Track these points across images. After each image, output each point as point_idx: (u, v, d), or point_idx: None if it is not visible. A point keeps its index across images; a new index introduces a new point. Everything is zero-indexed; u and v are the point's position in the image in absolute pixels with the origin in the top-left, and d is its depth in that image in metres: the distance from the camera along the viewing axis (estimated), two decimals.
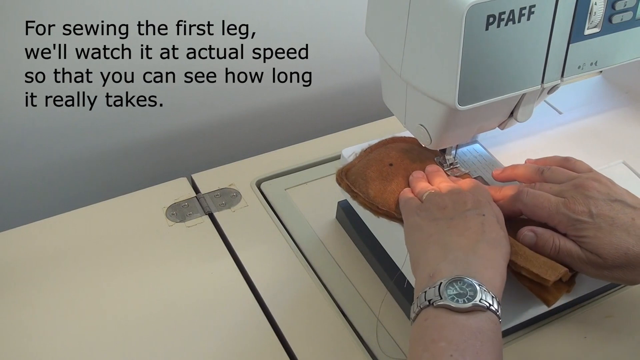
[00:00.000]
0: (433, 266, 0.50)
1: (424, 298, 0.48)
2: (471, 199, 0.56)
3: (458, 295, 0.46)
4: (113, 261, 0.71)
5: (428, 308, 0.47)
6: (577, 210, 0.54)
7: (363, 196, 0.63)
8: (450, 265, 0.49)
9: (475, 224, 0.53)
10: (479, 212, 0.54)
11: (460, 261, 0.49)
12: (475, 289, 0.46)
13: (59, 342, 0.63)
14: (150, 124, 0.94)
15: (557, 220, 0.55)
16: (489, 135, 0.68)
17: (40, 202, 0.94)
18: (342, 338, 0.62)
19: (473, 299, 0.46)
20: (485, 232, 0.52)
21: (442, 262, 0.50)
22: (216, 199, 0.78)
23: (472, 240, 0.51)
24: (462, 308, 0.45)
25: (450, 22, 0.48)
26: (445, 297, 0.46)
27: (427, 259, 0.51)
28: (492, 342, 0.45)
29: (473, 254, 0.50)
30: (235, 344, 0.62)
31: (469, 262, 0.49)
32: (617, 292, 0.65)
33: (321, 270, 0.70)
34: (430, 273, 0.49)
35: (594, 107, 0.75)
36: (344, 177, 0.65)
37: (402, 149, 0.67)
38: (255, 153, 0.86)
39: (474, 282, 0.47)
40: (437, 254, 0.51)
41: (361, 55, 1.01)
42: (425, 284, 0.49)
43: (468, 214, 0.54)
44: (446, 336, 0.45)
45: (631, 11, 0.55)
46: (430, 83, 0.53)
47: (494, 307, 0.46)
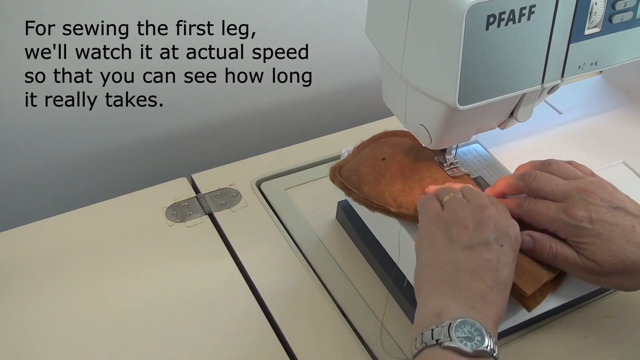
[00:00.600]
0: (441, 304, 0.49)
1: (431, 337, 0.47)
2: (494, 222, 0.53)
3: (467, 338, 0.46)
4: (113, 261, 0.71)
5: (434, 347, 0.47)
6: (576, 217, 0.53)
7: (357, 192, 0.62)
8: (459, 306, 0.48)
9: (492, 257, 0.51)
10: (498, 243, 0.52)
11: (468, 304, 0.49)
12: (483, 334, 0.46)
13: (59, 342, 0.63)
14: (150, 124, 0.94)
15: (557, 226, 0.54)
16: (489, 135, 0.68)
17: (40, 202, 0.94)
18: (342, 338, 0.62)
19: (481, 344, 0.46)
20: (498, 271, 0.51)
21: (451, 302, 0.49)
22: (216, 199, 0.78)
23: (484, 282, 0.50)
24: (469, 352, 0.45)
25: (450, 22, 0.48)
26: (454, 339, 0.46)
27: (434, 292, 0.51)
28: None
29: (481, 299, 0.49)
30: (235, 344, 0.62)
31: (475, 307, 0.49)
32: (617, 292, 0.65)
33: (321, 270, 0.69)
34: (437, 311, 0.49)
35: (594, 107, 0.75)
36: (338, 174, 0.65)
37: (395, 143, 0.67)
38: (255, 153, 0.86)
39: (482, 328, 0.47)
40: (445, 289, 0.50)
41: (361, 55, 1.01)
42: (430, 322, 0.48)
43: (487, 243, 0.52)
44: None
45: (631, 11, 0.55)
46: (430, 83, 0.53)
47: (496, 354, 0.47)
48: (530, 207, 0.56)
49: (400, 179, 0.63)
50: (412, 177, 0.63)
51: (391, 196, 0.61)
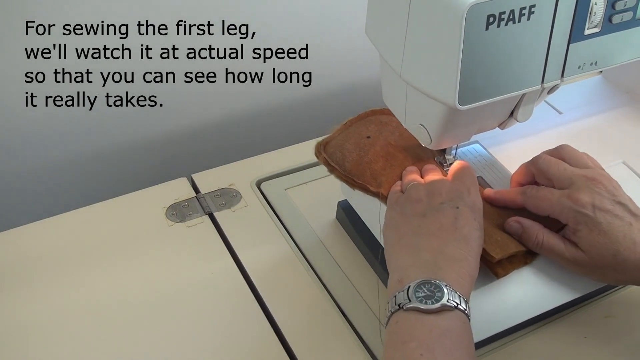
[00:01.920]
0: (403, 270, 0.51)
1: (394, 302, 0.48)
2: (447, 189, 0.55)
3: (426, 297, 0.47)
4: (113, 261, 0.71)
5: (398, 312, 0.48)
6: (579, 202, 0.54)
7: (340, 169, 0.63)
8: (419, 270, 0.50)
9: (448, 220, 0.53)
10: (452, 205, 0.54)
11: (428, 264, 0.50)
12: (443, 290, 0.47)
13: (59, 342, 0.63)
14: (150, 124, 0.94)
15: (559, 210, 0.55)
16: (489, 135, 0.68)
17: (40, 202, 0.94)
18: (342, 338, 0.62)
19: (441, 300, 0.47)
20: (457, 229, 0.52)
21: (412, 267, 0.50)
22: (216, 199, 0.78)
23: (443, 240, 0.51)
24: (430, 309, 0.46)
25: (450, 22, 0.48)
26: (414, 300, 0.47)
27: (398, 263, 0.52)
28: (461, 340, 0.46)
29: (442, 256, 0.50)
30: (235, 344, 0.62)
31: (437, 264, 0.50)
32: (617, 292, 0.65)
33: (321, 270, 0.69)
34: (399, 278, 0.50)
35: (594, 107, 0.75)
36: (322, 150, 0.65)
37: (382, 121, 0.67)
38: (255, 153, 0.86)
39: (441, 283, 0.47)
40: (407, 258, 0.52)
41: (361, 55, 1.01)
42: (395, 289, 0.49)
43: (441, 208, 0.54)
44: (416, 336, 0.46)
45: (631, 11, 0.55)
46: (430, 83, 0.53)
47: (462, 307, 0.47)
48: (533, 194, 0.57)
49: (383, 156, 0.63)
50: (396, 155, 0.64)
51: (372, 174, 0.62)
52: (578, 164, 0.58)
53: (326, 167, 0.65)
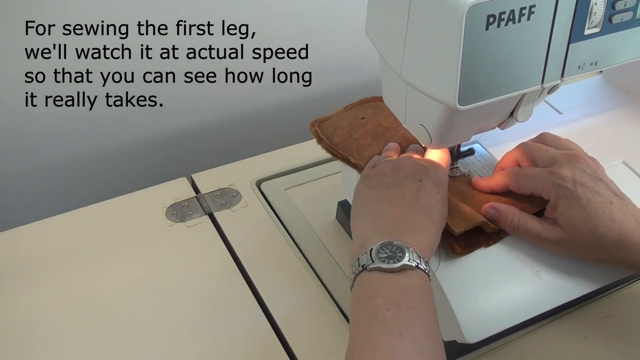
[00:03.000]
0: (364, 236, 0.52)
1: (358, 264, 0.50)
2: (411, 164, 0.57)
3: (388, 257, 0.49)
4: (113, 261, 0.71)
5: (362, 273, 0.49)
6: (560, 175, 0.54)
7: (327, 141, 0.65)
8: (380, 235, 0.51)
9: (411, 191, 0.54)
10: (416, 179, 0.55)
11: (389, 230, 0.52)
12: (404, 251, 0.49)
13: (59, 341, 0.63)
14: (150, 124, 0.94)
15: (541, 185, 0.55)
16: (489, 135, 0.67)
17: (40, 202, 0.94)
18: (342, 338, 0.62)
19: (402, 260, 0.48)
20: (419, 200, 0.53)
21: (373, 233, 0.52)
22: (216, 199, 0.78)
23: (404, 209, 0.53)
24: (392, 268, 0.48)
25: (450, 22, 0.48)
26: (377, 261, 0.49)
27: (361, 229, 0.54)
28: (423, 296, 0.48)
29: (402, 223, 0.52)
30: (235, 343, 0.62)
31: (396, 229, 0.51)
32: (617, 292, 0.65)
33: (321, 270, 0.70)
34: (361, 242, 0.52)
35: (594, 107, 0.75)
36: (317, 125, 0.67)
37: (380, 106, 0.68)
38: (255, 153, 0.86)
39: (402, 245, 0.49)
40: (369, 224, 0.53)
41: (361, 55, 1.01)
42: (358, 252, 0.51)
43: (405, 180, 0.55)
44: (381, 293, 0.47)
45: (631, 11, 0.55)
46: (430, 83, 0.53)
47: (422, 266, 0.49)
48: (516, 172, 0.58)
49: (371, 135, 0.65)
50: (384, 135, 0.66)
51: (357, 148, 0.64)
52: (561, 147, 0.59)
53: (315, 139, 0.67)
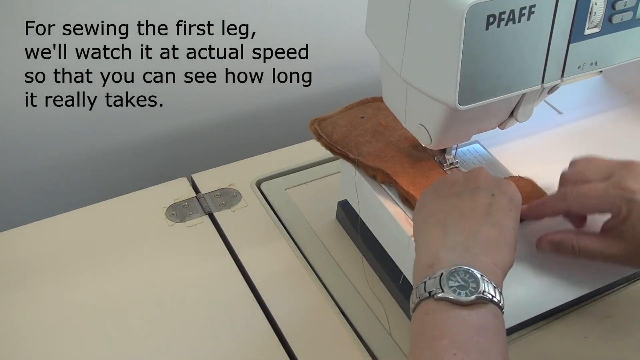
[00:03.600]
0: (432, 253, 0.47)
1: (424, 289, 0.45)
2: (484, 176, 0.53)
3: (460, 287, 0.44)
4: (113, 261, 0.71)
5: (428, 300, 0.45)
6: (630, 189, 0.51)
7: (326, 138, 0.65)
8: (450, 253, 0.47)
9: (482, 204, 0.50)
10: (488, 192, 0.51)
11: (460, 246, 0.47)
12: (477, 280, 0.44)
13: (58, 341, 0.63)
14: (150, 124, 0.94)
15: (609, 203, 0.52)
16: (489, 135, 0.67)
17: (41, 202, 0.94)
18: (342, 338, 0.62)
19: (476, 292, 0.43)
20: (491, 214, 0.49)
21: (442, 249, 0.47)
22: (216, 199, 0.78)
23: (475, 223, 0.48)
24: (464, 301, 0.43)
25: (450, 22, 0.48)
26: (447, 290, 0.44)
27: (427, 242, 0.49)
28: (496, 338, 0.43)
29: (473, 237, 0.47)
30: (235, 343, 0.62)
31: (468, 247, 0.47)
32: (617, 292, 0.65)
33: (321, 270, 0.70)
34: (429, 262, 0.47)
35: (594, 107, 0.75)
36: (316, 124, 0.68)
37: (380, 107, 0.69)
38: (255, 153, 0.86)
39: (475, 272, 0.44)
40: (437, 237, 0.49)
41: (361, 56, 1.01)
42: (425, 273, 0.46)
43: (477, 192, 0.52)
44: (449, 333, 0.42)
45: (631, 11, 0.55)
46: (430, 83, 0.53)
47: (497, 299, 0.44)
48: (576, 193, 0.54)
49: (370, 133, 0.66)
50: (383, 133, 0.66)
51: (356, 145, 0.65)
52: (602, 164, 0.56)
53: (315, 136, 0.67)
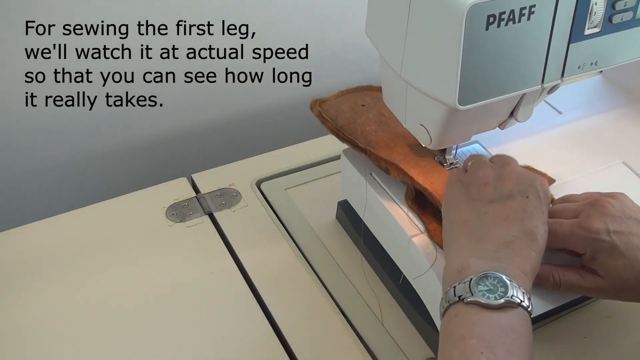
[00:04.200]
0: (463, 260, 0.48)
1: (453, 293, 0.46)
2: (516, 175, 0.53)
3: (489, 291, 0.44)
4: (113, 261, 0.71)
5: (457, 304, 0.45)
6: (593, 229, 0.51)
7: (332, 122, 0.65)
8: (480, 261, 0.47)
9: (516, 210, 0.50)
10: (522, 194, 0.51)
11: (491, 255, 0.47)
12: (507, 285, 0.44)
13: (59, 341, 0.63)
14: (150, 124, 0.94)
15: (574, 242, 0.52)
16: (489, 135, 0.67)
17: (40, 202, 0.94)
18: (342, 338, 0.62)
19: (505, 295, 0.44)
20: (524, 221, 0.49)
21: (473, 257, 0.48)
22: (216, 199, 0.78)
23: (508, 231, 0.49)
24: (493, 305, 0.44)
25: (450, 22, 0.48)
26: (476, 293, 0.44)
27: (458, 249, 0.49)
28: (523, 339, 0.44)
29: (505, 248, 0.48)
30: (235, 343, 0.62)
31: (500, 257, 0.47)
32: None
33: (321, 270, 0.70)
34: (459, 267, 0.47)
35: (594, 107, 0.75)
36: (318, 105, 0.67)
37: (377, 96, 0.69)
38: (255, 153, 0.86)
39: (504, 277, 0.45)
40: (469, 245, 0.49)
41: (361, 55, 1.01)
42: (454, 279, 0.47)
43: (510, 196, 0.51)
44: (477, 333, 0.43)
45: (631, 11, 0.55)
46: (430, 83, 0.53)
47: (525, 304, 0.45)
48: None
49: (375, 123, 0.66)
50: (387, 123, 0.66)
51: (362, 134, 0.64)
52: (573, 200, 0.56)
53: (319, 119, 0.66)
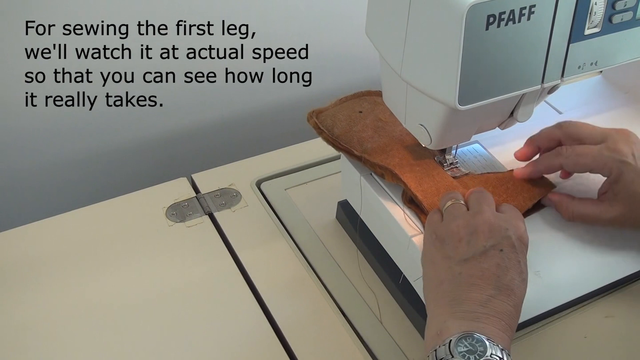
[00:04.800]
0: (441, 323, 0.49)
1: (435, 357, 0.47)
2: (489, 227, 0.52)
3: (468, 351, 0.45)
4: (113, 261, 0.71)
5: None
6: (622, 151, 0.55)
7: (327, 133, 0.65)
8: (458, 322, 0.48)
9: (490, 265, 0.50)
10: (496, 248, 0.51)
11: (468, 316, 0.48)
12: (485, 345, 0.45)
13: (59, 341, 0.63)
14: (150, 124, 0.94)
15: (602, 163, 0.56)
16: (489, 135, 0.67)
17: (40, 202, 0.94)
18: (342, 338, 0.62)
19: (484, 355, 0.45)
20: (500, 277, 0.50)
21: (450, 319, 0.48)
22: (216, 199, 0.78)
23: (484, 291, 0.49)
24: None
25: (450, 22, 0.48)
26: (456, 355, 0.45)
27: (436, 312, 0.50)
28: None
29: (482, 308, 0.48)
30: (235, 343, 0.62)
31: (477, 317, 0.48)
32: (617, 292, 0.65)
33: (321, 270, 0.70)
34: (437, 330, 0.48)
35: (594, 107, 0.75)
36: (314, 116, 0.68)
37: (375, 101, 0.69)
38: (255, 153, 0.86)
39: (482, 337, 0.46)
40: (446, 307, 0.49)
41: (361, 55, 1.01)
42: (434, 342, 0.48)
43: (484, 252, 0.51)
44: None
45: (631, 11, 0.55)
46: (430, 83, 0.53)
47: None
48: (570, 152, 0.58)
49: (372, 128, 0.66)
50: (384, 128, 0.66)
51: (359, 141, 0.65)
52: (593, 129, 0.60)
53: (315, 130, 0.67)
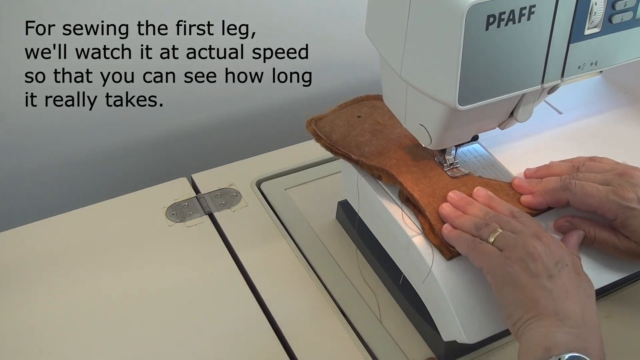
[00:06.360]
0: (548, 337, 0.49)
1: None
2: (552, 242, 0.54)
3: None
4: (113, 261, 0.71)
5: None
6: (626, 197, 0.55)
7: (325, 139, 0.66)
8: (566, 337, 0.48)
9: (570, 280, 0.52)
10: (563, 263, 0.52)
11: (574, 331, 0.49)
12: None
13: (59, 341, 0.63)
14: (150, 124, 0.94)
15: (607, 207, 0.56)
16: (489, 135, 0.67)
17: (40, 202, 0.94)
18: (342, 337, 0.62)
19: None
20: (578, 288, 0.51)
21: (558, 333, 0.48)
22: (216, 199, 0.78)
23: (579, 305, 0.50)
24: None
25: (450, 22, 0.48)
26: None
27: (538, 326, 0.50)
28: None
29: (583, 323, 0.49)
30: (235, 343, 0.62)
31: (582, 335, 0.48)
32: (617, 292, 0.65)
33: (321, 270, 0.70)
34: (546, 345, 0.48)
35: (594, 107, 0.75)
36: (313, 124, 0.68)
37: (375, 105, 0.70)
38: (255, 153, 0.86)
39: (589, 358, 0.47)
40: (552, 323, 0.49)
41: (361, 55, 1.01)
42: (540, 354, 0.48)
43: (559, 269, 0.52)
44: None
45: (631, 11, 0.55)
46: (430, 83, 0.53)
47: None
48: (579, 190, 0.57)
49: (370, 132, 0.66)
50: (382, 131, 0.67)
51: (357, 145, 0.65)
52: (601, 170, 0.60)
53: (314, 137, 0.67)
